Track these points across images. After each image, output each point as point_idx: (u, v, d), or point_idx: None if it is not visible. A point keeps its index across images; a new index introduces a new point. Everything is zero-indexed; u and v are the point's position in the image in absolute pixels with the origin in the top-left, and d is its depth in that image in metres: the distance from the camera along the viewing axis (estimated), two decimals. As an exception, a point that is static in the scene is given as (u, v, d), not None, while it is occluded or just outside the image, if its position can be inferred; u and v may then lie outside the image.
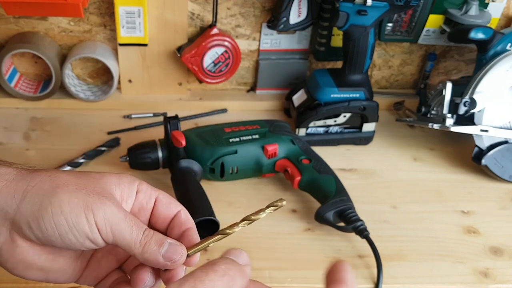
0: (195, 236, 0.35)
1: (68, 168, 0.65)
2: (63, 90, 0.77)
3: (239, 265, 0.29)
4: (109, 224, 0.31)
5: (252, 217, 0.34)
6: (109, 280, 0.35)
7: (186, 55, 0.74)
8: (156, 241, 0.32)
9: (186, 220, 0.36)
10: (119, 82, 0.79)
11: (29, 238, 0.31)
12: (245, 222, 0.34)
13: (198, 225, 0.54)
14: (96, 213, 0.30)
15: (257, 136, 0.64)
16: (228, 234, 0.33)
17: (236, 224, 0.34)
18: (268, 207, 0.34)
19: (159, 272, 0.34)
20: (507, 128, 0.69)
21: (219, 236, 0.34)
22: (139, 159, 0.63)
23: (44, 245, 0.32)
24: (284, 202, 0.34)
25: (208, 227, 0.55)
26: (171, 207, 0.36)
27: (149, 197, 0.36)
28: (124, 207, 0.34)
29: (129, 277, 0.35)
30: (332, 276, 0.31)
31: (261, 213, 0.34)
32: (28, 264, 0.32)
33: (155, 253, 0.32)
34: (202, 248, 0.34)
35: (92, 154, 0.68)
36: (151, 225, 0.36)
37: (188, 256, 0.33)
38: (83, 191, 0.31)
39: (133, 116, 0.77)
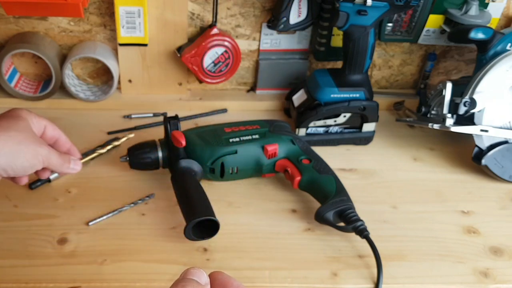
0: (73, 148, 0.58)
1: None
2: (63, 90, 0.77)
3: (202, 286, 0.31)
4: (46, 161, 0.51)
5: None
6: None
7: (186, 55, 0.74)
8: (67, 160, 0.55)
9: (65, 141, 0.57)
10: (119, 82, 0.79)
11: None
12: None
13: (198, 225, 0.54)
14: (41, 154, 0.50)
15: (257, 136, 0.64)
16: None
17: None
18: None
19: None
20: (507, 128, 0.69)
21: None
22: (139, 159, 0.63)
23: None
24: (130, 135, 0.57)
25: (208, 227, 0.55)
26: (55, 133, 0.56)
27: (40, 126, 0.54)
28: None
29: None
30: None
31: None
32: None
33: (68, 169, 0.55)
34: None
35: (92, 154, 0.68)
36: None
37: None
38: (32, 145, 0.50)
39: (133, 116, 0.77)
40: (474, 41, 0.69)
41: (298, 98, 0.75)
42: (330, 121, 0.73)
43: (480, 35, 0.68)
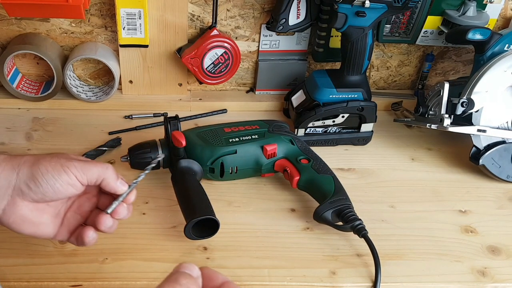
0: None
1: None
2: (64, 91, 0.78)
3: (194, 278, 0.33)
4: (80, 169, 0.46)
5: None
6: (77, 232, 0.49)
7: (186, 56, 0.75)
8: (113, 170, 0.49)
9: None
10: (120, 83, 0.79)
11: (26, 198, 0.45)
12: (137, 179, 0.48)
13: (198, 224, 0.55)
14: (69, 166, 0.45)
15: (256, 136, 0.65)
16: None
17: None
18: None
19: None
20: (505, 128, 0.69)
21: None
22: (139, 159, 0.64)
23: (36, 202, 0.45)
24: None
25: (208, 226, 0.56)
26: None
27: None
28: None
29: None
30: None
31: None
32: (24, 218, 0.45)
33: (114, 178, 0.48)
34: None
35: (93, 154, 0.68)
36: None
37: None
38: (55, 159, 0.46)
39: (133, 116, 0.78)
40: (471, 42, 0.70)
41: (297, 98, 0.76)
42: (328, 122, 0.73)
43: (478, 36, 0.69)
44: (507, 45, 0.69)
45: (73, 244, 0.49)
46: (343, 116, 0.73)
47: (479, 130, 0.68)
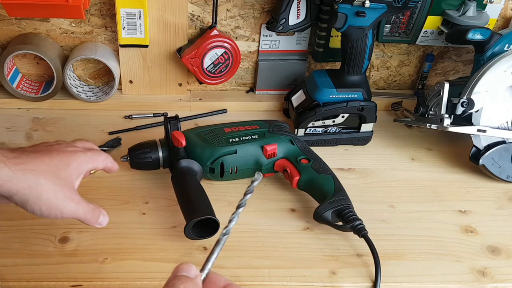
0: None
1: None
2: (64, 91, 0.78)
3: (192, 279, 0.33)
4: (72, 215, 0.47)
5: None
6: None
7: (186, 56, 0.75)
8: (98, 214, 0.50)
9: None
10: (120, 83, 0.79)
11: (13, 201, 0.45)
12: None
13: (198, 224, 0.55)
14: (64, 209, 0.46)
15: (256, 136, 0.65)
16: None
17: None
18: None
19: None
20: (505, 128, 0.69)
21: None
22: (139, 159, 0.64)
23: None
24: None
25: (208, 226, 0.56)
26: None
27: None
28: (77, 184, 0.50)
29: None
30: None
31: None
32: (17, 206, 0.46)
33: (95, 224, 0.50)
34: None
35: (93, 154, 0.68)
36: None
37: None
38: (58, 197, 0.46)
39: (133, 116, 0.78)
40: (471, 42, 0.70)
41: (297, 98, 0.76)
42: (328, 122, 0.73)
43: (478, 36, 0.69)
44: (507, 45, 0.69)
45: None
46: (343, 116, 0.73)
47: (479, 130, 0.68)
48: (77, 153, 0.50)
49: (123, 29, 0.73)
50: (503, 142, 0.69)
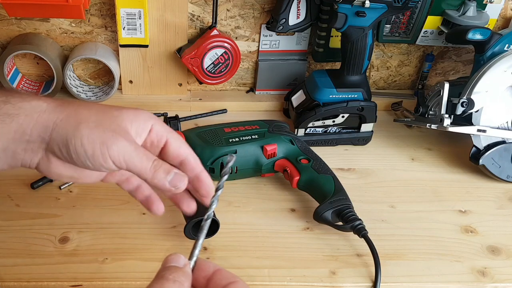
0: (208, 180, 0.41)
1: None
2: (64, 91, 0.78)
3: (181, 268, 0.32)
4: (122, 156, 0.37)
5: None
6: (132, 180, 0.43)
7: (186, 56, 0.75)
8: (164, 170, 0.38)
9: (196, 164, 0.41)
10: (120, 83, 0.79)
11: (60, 158, 0.38)
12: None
13: (198, 224, 0.55)
14: (110, 147, 0.36)
15: (256, 136, 0.65)
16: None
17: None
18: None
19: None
20: (505, 128, 0.69)
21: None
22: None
23: (72, 163, 0.38)
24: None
25: (208, 226, 0.56)
26: (180, 151, 0.41)
27: (160, 137, 0.40)
28: (138, 141, 0.39)
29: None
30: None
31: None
32: (60, 174, 0.39)
33: (162, 180, 0.38)
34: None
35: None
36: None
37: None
38: (101, 128, 0.37)
39: (133, 116, 0.78)
40: (471, 42, 0.70)
41: (297, 98, 0.76)
42: (328, 122, 0.73)
43: (478, 36, 0.69)
44: (507, 45, 0.69)
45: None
46: (343, 116, 0.73)
47: (479, 130, 0.68)
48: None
49: (123, 29, 0.73)
50: (503, 142, 0.69)
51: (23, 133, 0.37)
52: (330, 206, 0.58)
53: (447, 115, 0.68)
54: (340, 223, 0.59)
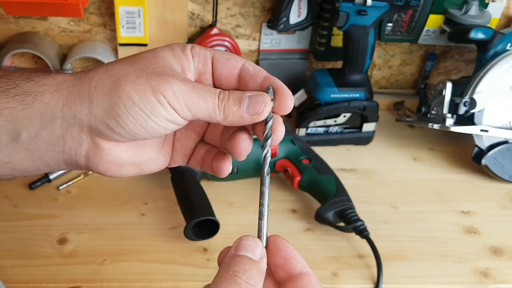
0: (277, 82, 0.32)
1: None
2: (63, 90, 0.77)
3: (256, 263, 0.26)
4: (181, 100, 0.30)
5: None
6: (198, 154, 0.36)
7: (186, 55, 0.74)
8: (234, 100, 0.31)
9: (256, 70, 0.32)
10: (119, 82, 0.79)
11: (111, 138, 0.31)
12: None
13: (198, 224, 0.54)
14: (165, 94, 0.29)
15: (256, 136, 0.64)
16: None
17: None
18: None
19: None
20: (507, 128, 0.69)
21: None
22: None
23: (128, 141, 0.31)
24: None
25: (208, 226, 0.55)
26: (232, 63, 0.32)
27: (204, 59, 0.33)
28: (189, 77, 0.32)
29: (219, 147, 0.35)
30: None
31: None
32: (118, 162, 0.32)
33: (237, 112, 0.31)
34: None
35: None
36: (216, 87, 0.33)
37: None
38: (144, 76, 0.30)
39: (133, 116, 0.77)
40: (474, 41, 0.69)
41: (298, 98, 0.75)
42: (330, 121, 0.73)
43: (480, 35, 0.68)
44: (509, 44, 0.69)
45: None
46: (344, 116, 0.73)
47: (481, 130, 0.67)
48: None
49: (122, 27, 0.73)
50: (505, 142, 0.69)
51: (52, 116, 0.29)
52: (332, 207, 0.58)
53: (449, 115, 0.68)
54: (342, 224, 0.58)
